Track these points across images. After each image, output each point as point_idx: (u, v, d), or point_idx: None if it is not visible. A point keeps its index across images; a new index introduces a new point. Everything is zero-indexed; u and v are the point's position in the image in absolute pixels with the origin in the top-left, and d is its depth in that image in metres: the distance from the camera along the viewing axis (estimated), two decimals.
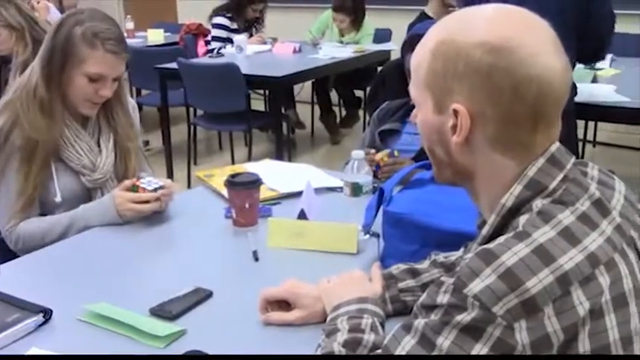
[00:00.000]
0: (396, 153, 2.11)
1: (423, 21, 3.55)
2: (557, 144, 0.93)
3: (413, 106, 1.01)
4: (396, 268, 1.28)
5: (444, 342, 0.82)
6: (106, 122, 1.90)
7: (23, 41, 2.72)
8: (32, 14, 2.89)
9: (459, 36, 0.90)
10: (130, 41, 4.57)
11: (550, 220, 0.84)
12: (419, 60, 0.96)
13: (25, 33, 2.72)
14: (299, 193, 1.79)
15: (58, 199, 1.80)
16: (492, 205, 0.93)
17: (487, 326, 0.79)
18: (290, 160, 4.44)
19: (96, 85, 1.77)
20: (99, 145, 1.88)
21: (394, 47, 5.05)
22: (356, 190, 1.86)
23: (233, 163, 4.56)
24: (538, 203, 0.87)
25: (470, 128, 0.90)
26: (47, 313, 1.25)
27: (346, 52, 4.89)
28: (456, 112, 0.90)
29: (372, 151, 2.13)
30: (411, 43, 2.21)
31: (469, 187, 0.99)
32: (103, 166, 1.86)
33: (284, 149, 4.41)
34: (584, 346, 0.80)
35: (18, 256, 1.67)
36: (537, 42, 0.89)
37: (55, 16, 4.72)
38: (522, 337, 0.78)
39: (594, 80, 3.44)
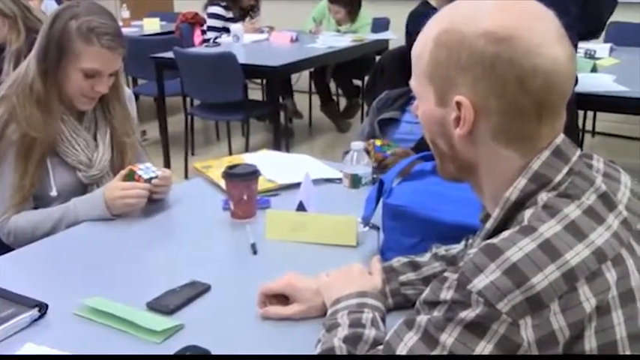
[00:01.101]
0: (377, 142, 2.05)
1: (428, 10, 3.52)
2: (562, 136, 0.91)
3: (413, 95, 0.99)
4: (397, 261, 1.27)
5: (448, 339, 0.80)
6: (102, 116, 1.87)
7: (16, 29, 2.68)
8: (26, 3, 2.85)
9: (462, 25, 0.88)
10: (125, 30, 4.56)
11: (556, 215, 0.82)
12: (420, 49, 0.94)
13: (17, 21, 2.69)
14: (297, 185, 1.77)
15: (54, 193, 1.77)
16: (496, 199, 0.91)
17: (492, 323, 0.78)
18: (288, 149, 4.42)
19: (92, 81, 1.73)
20: (95, 140, 1.85)
21: (393, 37, 5.01)
22: (355, 181, 1.85)
23: (230, 153, 4.55)
24: (543, 197, 0.86)
25: (473, 121, 0.88)
26: (43, 308, 1.23)
27: (344, 42, 4.86)
28: (459, 105, 0.89)
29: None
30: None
31: (472, 181, 0.97)
32: (100, 162, 1.83)
33: (282, 139, 4.38)
34: (590, 343, 0.78)
35: (12, 249, 1.65)
36: (542, 32, 0.87)
37: (50, 4, 4.69)
38: (528, 334, 0.77)
39: (594, 70, 3.42)
